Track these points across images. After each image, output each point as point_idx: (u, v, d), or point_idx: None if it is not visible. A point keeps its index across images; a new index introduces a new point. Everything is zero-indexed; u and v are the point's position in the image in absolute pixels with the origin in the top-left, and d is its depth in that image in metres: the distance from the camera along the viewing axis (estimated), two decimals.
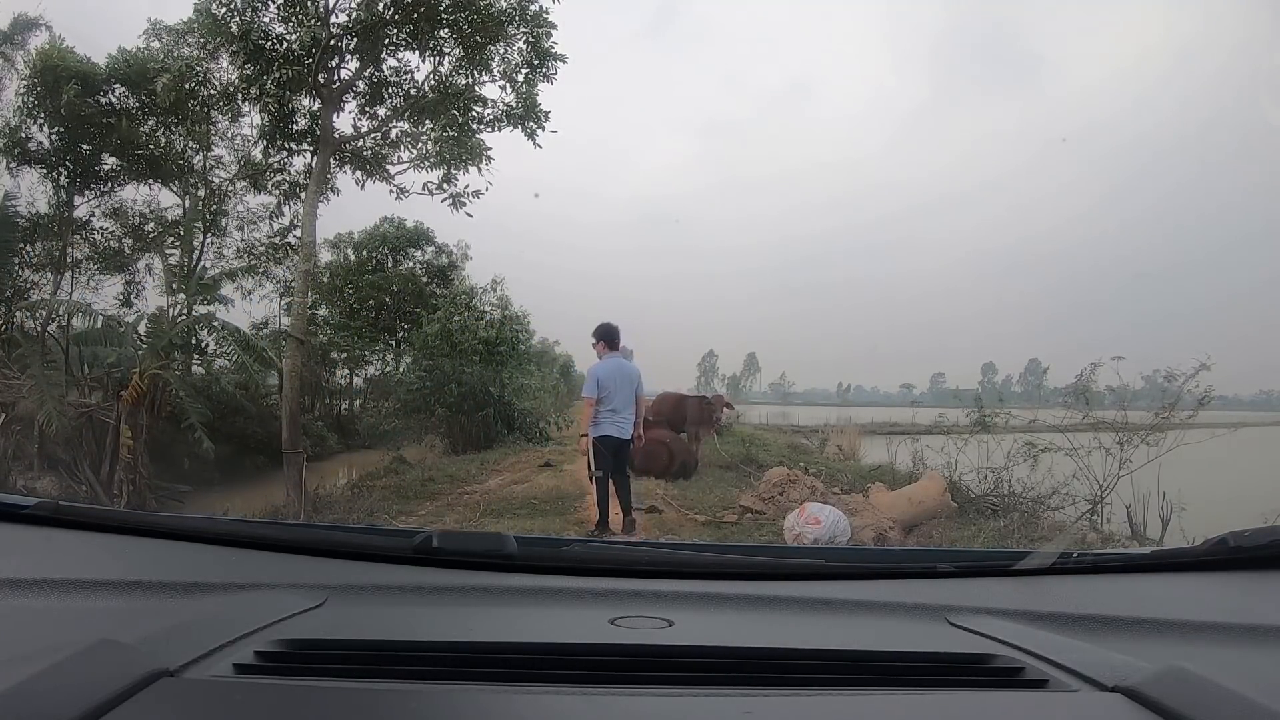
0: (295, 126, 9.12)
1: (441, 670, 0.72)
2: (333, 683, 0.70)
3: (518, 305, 15.13)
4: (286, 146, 9.49)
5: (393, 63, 9.03)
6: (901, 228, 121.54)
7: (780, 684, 0.74)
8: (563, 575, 1.04)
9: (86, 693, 0.58)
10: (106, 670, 0.62)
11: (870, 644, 0.86)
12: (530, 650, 0.78)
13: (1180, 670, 0.70)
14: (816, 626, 0.95)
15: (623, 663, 0.76)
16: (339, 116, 9.06)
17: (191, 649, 0.71)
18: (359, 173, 9.77)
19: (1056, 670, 0.75)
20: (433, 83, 9.03)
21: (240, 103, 9.74)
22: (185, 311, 9.52)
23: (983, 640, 0.85)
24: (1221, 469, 6.72)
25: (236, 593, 0.95)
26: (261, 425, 11.82)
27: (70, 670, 0.62)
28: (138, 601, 0.92)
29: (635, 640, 0.82)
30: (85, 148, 10.62)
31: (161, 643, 0.71)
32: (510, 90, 8.93)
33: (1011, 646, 0.81)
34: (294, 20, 8.21)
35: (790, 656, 0.80)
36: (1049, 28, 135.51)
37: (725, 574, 1.09)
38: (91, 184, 11.22)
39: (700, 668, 0.76)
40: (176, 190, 12.28)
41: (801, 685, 0.74)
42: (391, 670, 0.72)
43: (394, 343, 16.92)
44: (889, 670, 0.78)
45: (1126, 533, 5.09)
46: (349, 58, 8.70)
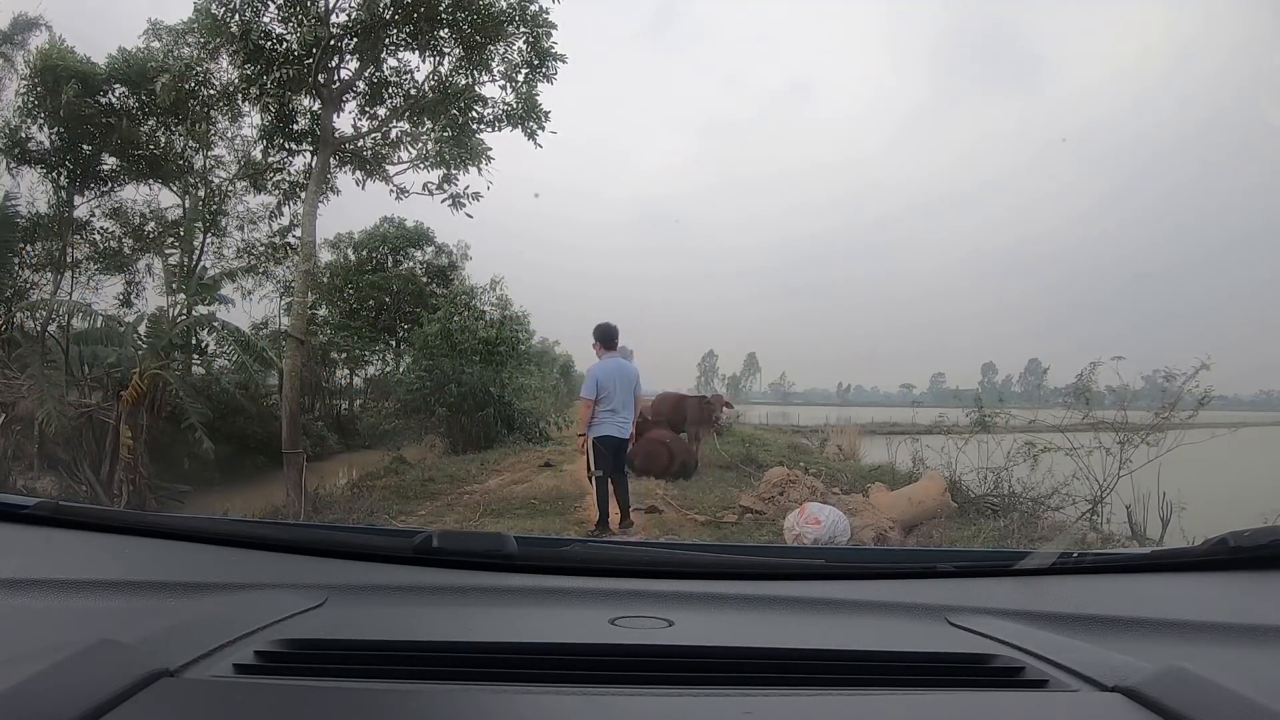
0: (295, 126, 9.12)
1: (441, 670, 0.72)
2: (333, 683, 0.70)
3: (518, 305, 15.20)
4: (286, 146, 9.49)
5: (393, 63, 9.04)
6: (901, 228, 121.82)
7: (780, 684, 0.73)
8: (563, 575, 1.04)
9: (86, 693, 0.58)
10: (106, 670, 0.62)
11: (870, 644, 0.86)
12: (530, 650, 0.78)
13: (1180, 670, 0.70)
14: (816, 626, 0.95)
15: (623, 663, 0.76)
16: (339, 116, 9.07)
17: (191, 649, 0.70)
18: (359, 173, 9.77)
19: (1056, 670, 0.75)
20: (433, 83, 9.03)
21: (240, 103, 9.75)
22: (185, 311, 9.52)
23: (983, 640, 0.85)
24: (1221, 469, 6.72)
25: (236, 593, 0.95)
26: (261, 425, 11.82)
27: (70, 670, 0.62)
28: (138, 601, 0.92)
29: (635, 640, 0.82)
30: (85, 148, 10.62)
31: (161, 643, 0.71)
32: (510, 90, 8.94)
33: (1011, 646, 0.81)
34: (294, 20, 8.22)
35: (790, 656, 0.80)
36: (1049, 28, 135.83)
37: (725, 574, 1.09)
38: (91, 184, 11.22)
39: (700, 668, 0.76)
40: (176, 190, 12.30)
41: (801, 685, 0.74)
42: (391, 670, 0.72)
43: (394, 343, 16.94)
44: (889, 670, 0.78)
45: (1126, 533, 5.10)
46: (349, 58, 8.71)
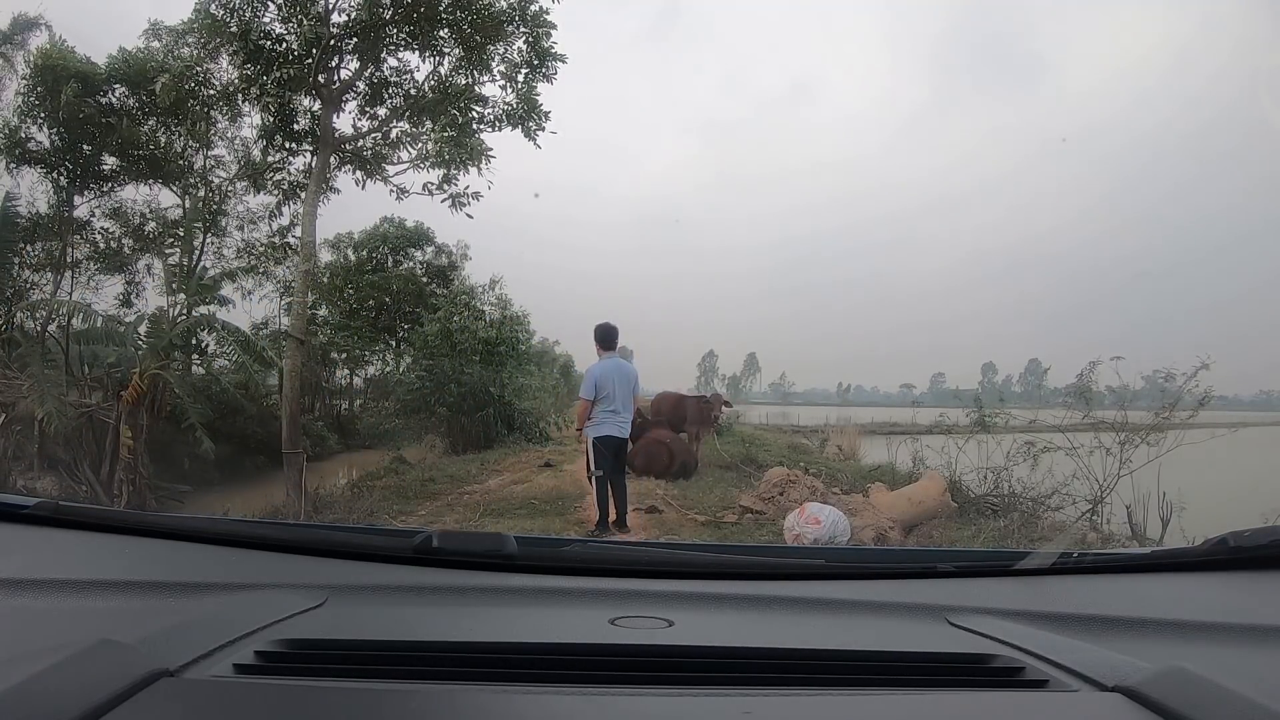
0: (295, 126, 9.12)
1: (441, 670, 0.72)
2: (333, 683, 0.70)
3: (518, 305, 15.20)
4: (286, 146, 9.49)
5: (393, 63, 9.03)
6: (902, 227, 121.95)
7: (780, 684, 0.73)
8: (563, 575, 1.04)
9: (86, 693, 0.58)
10: (106, 670, 0.62)
11: (870, 644, 0.86)
12: (530, 650, 0.78)
13: (1180, 670, 0.70)
14: (816, 626, 0.95)
15: (623, 663, 0.76)
16: (339, 116, 9.07)
17: (191, 649, 0.70)
18: (359, 173, 9.76)
19: (1057, 670, 0.75)
20: (433, 83, 9.02)
21: (240, 103, 9.73)
22: (185, 311, 9.52)
23: (983, 640, 0.85)
24: (1221, 469, 6.72)
25: (236, 593, 0.95)
26: (261, 425, 11.83)
27: (70, 670, 0.62)
28: (138, 601, 0.92)
29: (635, 640, 0.82)
30: (85, 148, 10.63)
31: (161, 643, 0.71)
32: (510, 90, 8.93)
33: (1011, 646, 0.81)
34: (294, 20, 8.21)
35: (790, 656, 0.80)
36: (1049, 28, 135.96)
37: (725, 574, 1.09)
38: (91, 184, 11.23)
39: (700, 668, 0.76)
40: (176, 190, 12.31)
41: (801, 685, 0.74)
42: (391, 670, 0.72)
43: (394, 343, 16.96)
44: (889, 670, 0.78)
45: (1126, 533, 5.09)
46: (349, 58, 8.71)
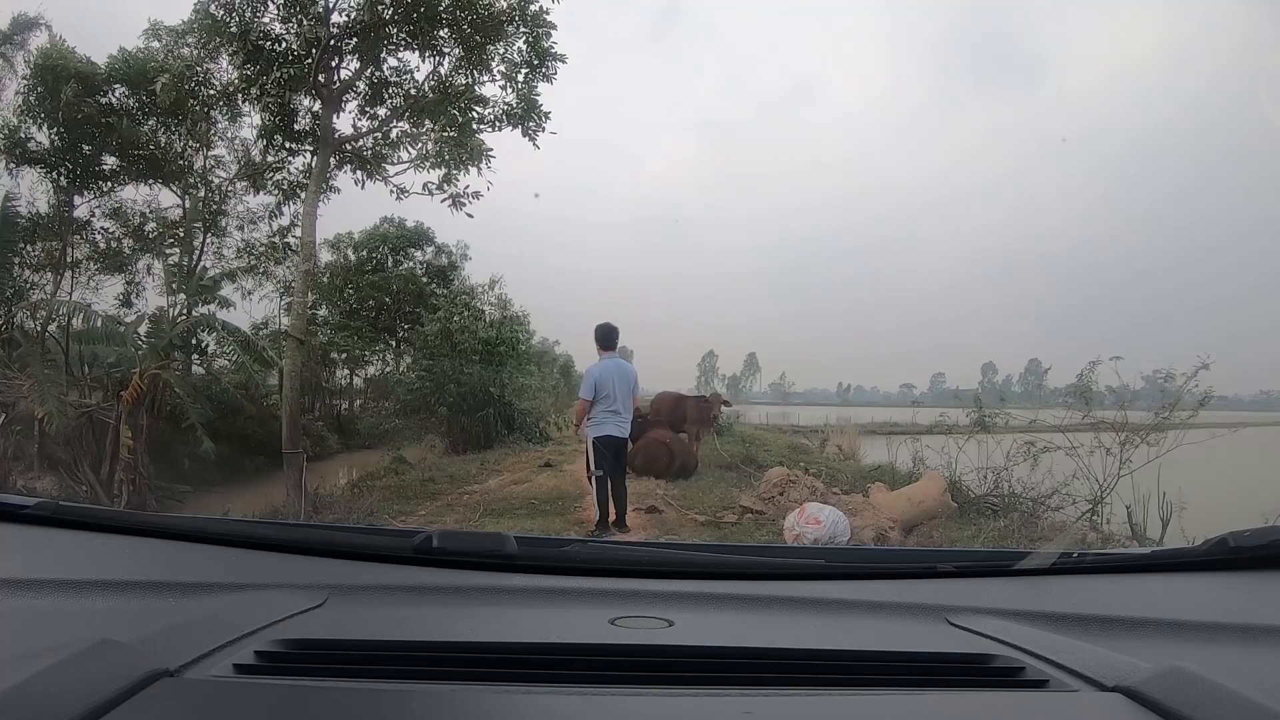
0: (295, 126, 9.11)
1: (441, 670, 0.72)
2: (333, 683, 0.70)
3: (518, 305, 15.23)
4: (286, 146, 9.49)
5: (393, 63, 9.02)
6: (902, 227, 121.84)
7: (780, 684, 0.73)
8: (563, 575, 1.04)
9: (86, 693, 0.58)
10: (106, 670, 0.62)
11: (870, 644, 0.86)
12: (530, 650, 0.78)
13: (1180, 670, 0.70)
14: (816, 626, 0.95)
15: (623, 663, 0.76)
16: (339, 116, 9.04)
17: (191, 649, 0.70)
18: (359, 173, 9.75)
19: (1057, 670, 0.75)
20: (433, 83, 9.01)
21: (240, 103, 9.72)
22: (185, 312, 9.53)
23: (983, 640, 0.85)
24: (1221, 469, 6.71)
25: (236, 593, 0.95)
26: (261, 425, 11.82)
27: (70, 670, 0.62)
28: (138, 601, 0.92)
29: (635, 640, 0.82)
30: (85, 148, 10.62)
31: (161, 643, 0.71)
32: (510, 90, 8.92)
33: (1011, 646, 0.81)
34: (294, 20, 8.20)
35: (790, 656, 0.80)
36: (1049, 28, 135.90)
37: (725, 574, 1.09)
38: (91, 184, 11.23)
39: (700, 668, 0.76)
40: (176, 190, 12.30)
41: (801, 685, 0.74)
42: (391, 670, 0.72)
43: (394, 343, 16.99)
44: (889, 670, 0.78)
45: (1126, 533, 5.10)
46: (349, 58, 8.69)
